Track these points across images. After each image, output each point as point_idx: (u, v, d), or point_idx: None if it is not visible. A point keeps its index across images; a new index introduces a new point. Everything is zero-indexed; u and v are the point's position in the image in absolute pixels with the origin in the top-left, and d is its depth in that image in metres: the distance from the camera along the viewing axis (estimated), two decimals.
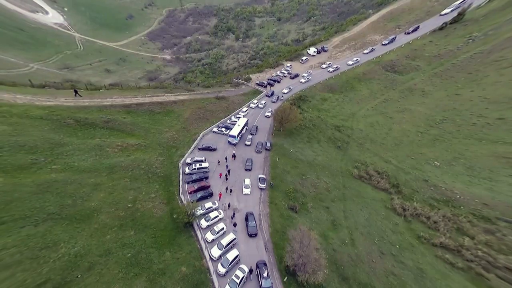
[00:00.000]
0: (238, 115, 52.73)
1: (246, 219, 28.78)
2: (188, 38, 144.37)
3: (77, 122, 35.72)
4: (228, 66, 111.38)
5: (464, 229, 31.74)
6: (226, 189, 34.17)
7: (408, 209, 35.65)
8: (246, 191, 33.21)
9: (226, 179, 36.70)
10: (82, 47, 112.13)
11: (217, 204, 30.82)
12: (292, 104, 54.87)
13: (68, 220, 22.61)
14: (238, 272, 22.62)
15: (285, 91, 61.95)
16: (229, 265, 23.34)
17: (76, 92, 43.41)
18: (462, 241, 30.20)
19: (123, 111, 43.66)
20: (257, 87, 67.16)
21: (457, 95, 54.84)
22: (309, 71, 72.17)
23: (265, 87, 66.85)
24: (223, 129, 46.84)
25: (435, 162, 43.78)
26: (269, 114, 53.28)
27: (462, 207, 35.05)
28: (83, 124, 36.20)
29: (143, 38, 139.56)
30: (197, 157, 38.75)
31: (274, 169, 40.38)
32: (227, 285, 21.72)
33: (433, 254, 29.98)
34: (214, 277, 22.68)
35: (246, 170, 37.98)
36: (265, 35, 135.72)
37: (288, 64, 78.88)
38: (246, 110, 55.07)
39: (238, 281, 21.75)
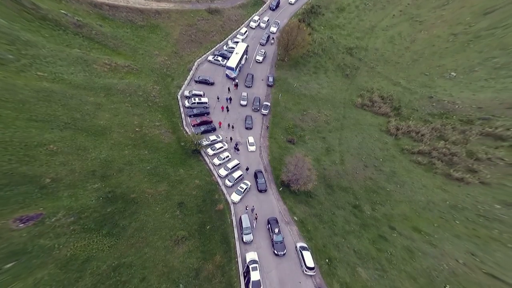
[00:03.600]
0: (236, 39, 44.76)
1: (256, 176, 29.23)
2: None
3: (25, 10, 29.80)
4: None
5: (444, 135, 36.74)
6: (228, 125, 34.97)
7: (401, 128, 38.63)
8: (252, 148, 32.78)
9: (228, 110, 36.73)
10: None
11: (220, 138, 32.90)
12: (301, 20, 44.44)
13: (85, 132, 25.18)
14: (242, 185, 28.03)
15: (274, 29, 46.74)
16: (235, 180, 28.40)
17: None
18: (437, 145, 35.89)
19: (95, 14, 36.98)
20: None
21: None
22: None
23: None
24: (219, 58, 41.36)
25: (452, 73, 42.57)
26: (261, 58, 44.15)
27: (454, 116, 38.05)
28: (41, 18, 31.04)
29: None
30: (195, 90, 36.99)
31: (275, 107, 39.25)
32: (234, 193, 27.31)
33: (408, 159, 35.80)
34: (223, 187, 28.07)
35: (246, 128, 35.68)
36: None
37: None
38: (245, 31, 45.93)
39: (242, 190, 27.40)
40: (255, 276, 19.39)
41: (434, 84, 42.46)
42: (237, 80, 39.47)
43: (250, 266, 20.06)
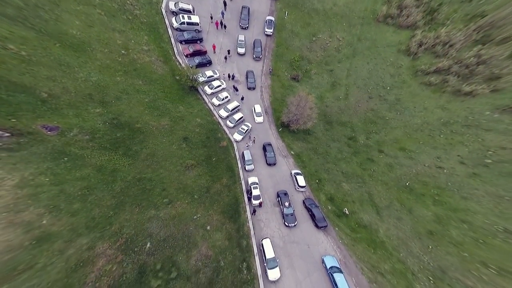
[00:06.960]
0: None
1: (264, 149, 28.00)
2: None
3: None
4: None
5: (488, 36, 29.47)
6: (225, 58, 31.33)
7: (426, 43, 32.74)
8: (259, 119, 29.91)
9: (224, 28, 31.78)
10: None
11: (218, 74, 30.08)
12: None
13: (56, 41, 21.51)
14: (244, 126, 28.62)
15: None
16: (236, 122, 28.64)
17: None
18: (463, 56, 30.35)
19: None
20: None
21: None
22: None
23: None
24: None
25: None
26: None
27: None
28: None
29: None
30: (182, 2, 30.01)
31: (280, 32, 32.77)
32: (236, 133, 28.23)
33: (419, 82, 32.76)
34: (224, 127, 28.58)
35: (249, 89, 30.89)
36: None
37: None
38: None
39: (244, 131, 28.22)
40: (255, 192, 24.03)
41: None
42: None
43: (252, 186, 24.42)
